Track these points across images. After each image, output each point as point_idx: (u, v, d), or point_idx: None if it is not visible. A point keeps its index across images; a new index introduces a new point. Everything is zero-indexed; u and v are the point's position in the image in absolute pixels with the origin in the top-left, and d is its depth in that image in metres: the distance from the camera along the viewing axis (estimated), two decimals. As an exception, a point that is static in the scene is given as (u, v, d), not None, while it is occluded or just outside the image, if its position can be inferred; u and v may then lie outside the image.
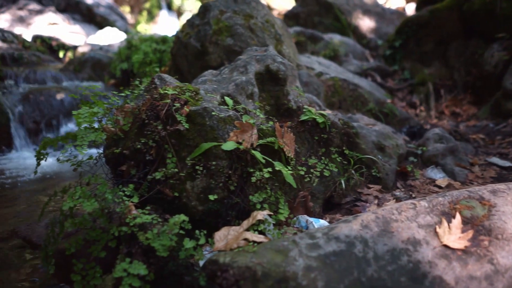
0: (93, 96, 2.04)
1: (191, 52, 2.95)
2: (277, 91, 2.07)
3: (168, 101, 1.62)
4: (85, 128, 1.70)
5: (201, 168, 1.63)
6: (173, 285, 1.47)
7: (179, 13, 18.00)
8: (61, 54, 7.56)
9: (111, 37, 8.94)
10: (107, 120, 1.88)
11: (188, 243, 1.43)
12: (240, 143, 1.66)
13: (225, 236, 1.48)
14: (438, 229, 1.33)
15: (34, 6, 11.15)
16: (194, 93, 1.77)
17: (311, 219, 1.72)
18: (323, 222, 1.73)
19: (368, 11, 5.75)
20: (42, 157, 2.00)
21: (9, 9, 10.95)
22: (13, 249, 2.05)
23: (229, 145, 1.59)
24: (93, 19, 12.21)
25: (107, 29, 9.71)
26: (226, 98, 1.85)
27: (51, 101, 4.39)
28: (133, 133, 1.82)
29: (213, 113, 1.65)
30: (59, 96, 4.48)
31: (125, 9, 17.04)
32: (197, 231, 1.50)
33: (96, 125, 1.84)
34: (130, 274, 1.33)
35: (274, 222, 1.59)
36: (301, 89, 2.06)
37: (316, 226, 1.69)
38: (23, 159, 3.86)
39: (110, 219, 1.62)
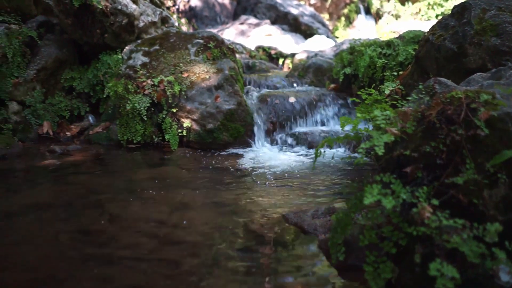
0: (368, 100, 2.17)
1: (444, 54, 2.84)
2: None
3: (474, 105, 1.59)
4: (378, 130, 1.82)
5: (504, 177, 1.55)
6: (474, 294, 1.44)
7: (378, 16, 17.70)
8: (280, 62, 8.34)
9: (319, 44, 9.41)
10: (387, 124, 1.97)
11: (501, 254, 1.38)
12: (554, 153, 1.50)
13: (544, 252, 1.37)
14: None
15: (252, 20, 12.68)
16: (491, 97, 1.69)
17: None
18: None
19: None
20: (320, 154, 2.23)
21: (233, 25, 12.72)
22: (287, 234, 2.33)
23: (546, 154, 1.46)
24: (299, 28, 13.13)
25: (316, 37, 10.26)
26: (525, 103, 1.71)
27: (284, 104, 4.87)
28: (417, 136, 1.85)
29: (523, 118, 1.54)
30: (291, 99, 4.93)
31: (325, 16, 17.71)
32: (506, 242, 1.43)
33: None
34: (443, 274, 1.36)
35: None
36: None
37: None
38: (263, 153, 4.38)
39: (402, 218, 1.69)
